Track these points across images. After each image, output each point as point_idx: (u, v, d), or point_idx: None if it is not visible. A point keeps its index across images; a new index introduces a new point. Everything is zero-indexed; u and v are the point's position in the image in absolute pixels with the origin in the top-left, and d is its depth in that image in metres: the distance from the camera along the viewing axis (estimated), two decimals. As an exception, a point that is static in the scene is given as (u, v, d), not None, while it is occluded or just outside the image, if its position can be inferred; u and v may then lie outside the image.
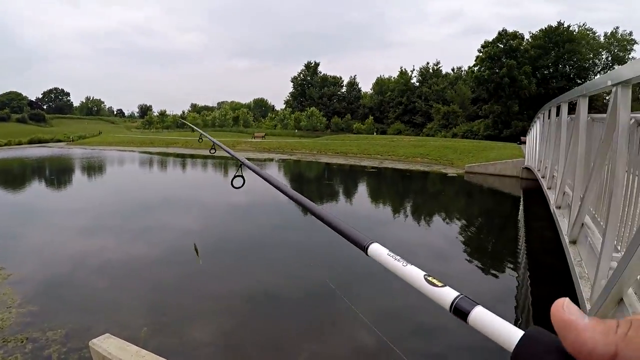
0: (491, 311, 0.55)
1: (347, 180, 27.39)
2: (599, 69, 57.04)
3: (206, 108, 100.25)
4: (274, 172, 30.26)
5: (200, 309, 7.17)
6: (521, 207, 18.04)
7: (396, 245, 11.01)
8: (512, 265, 10.53)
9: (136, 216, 14.77)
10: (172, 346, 5.86)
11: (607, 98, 47.91)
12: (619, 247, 3.77)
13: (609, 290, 3.07)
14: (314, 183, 25.07)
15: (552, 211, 8.35)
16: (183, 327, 6.46)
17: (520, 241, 12.93)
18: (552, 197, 8.88)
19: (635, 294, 3.13)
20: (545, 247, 10.79)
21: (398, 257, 0.59)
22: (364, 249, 0.64)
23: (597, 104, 43.47)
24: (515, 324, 1.95)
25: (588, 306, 3.80)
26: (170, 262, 9.65)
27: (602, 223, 4.66)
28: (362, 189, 23.83)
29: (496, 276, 9.76)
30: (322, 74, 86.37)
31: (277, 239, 12.02)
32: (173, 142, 45.80)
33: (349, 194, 21.58)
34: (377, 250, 0.63)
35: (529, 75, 55.79)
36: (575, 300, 4.44)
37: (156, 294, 7.83)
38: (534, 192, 16.69)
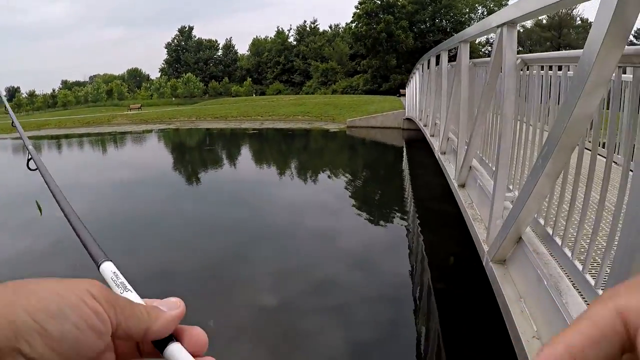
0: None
1: (229, 144, 26.74)
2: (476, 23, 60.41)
3: (78, 84, 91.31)
4: (154, 143, 28.56)
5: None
6: (405, 157, 18.93)
7: (285, 204, 10.91)
8: (400, 214, 11.02)
9: None
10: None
11: (483, 50, 51.65)
12: (510, 187, 3.89)
13: (507, 230, 3.13)
14: (195, 151, 24.08)
15: (437, 157, 8.72)
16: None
17: (407, 190, 13.56)
18: (436, 144, 9.28)
19: (533, 231, 3.23)
20: (433, 194, 11.41)
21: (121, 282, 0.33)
22: (97, 266, 0.41)
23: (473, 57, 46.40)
24: (412, 274, 5.12)
25: (485, 247, 3.91)
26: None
27: (490, 165, 4.85)
28: (246, 152, 23.42)
29: (386, 226, 10.11)
30: (197, 38, 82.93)
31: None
32: (44, 124, 40.88)
33: (233, 158, 21.06)
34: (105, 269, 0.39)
35: (406, 29, 58.07)
36: (471, 242, 4.61)
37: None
38: (417, 142, 17.51)
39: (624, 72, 2.42)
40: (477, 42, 54.40)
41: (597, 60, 1.86)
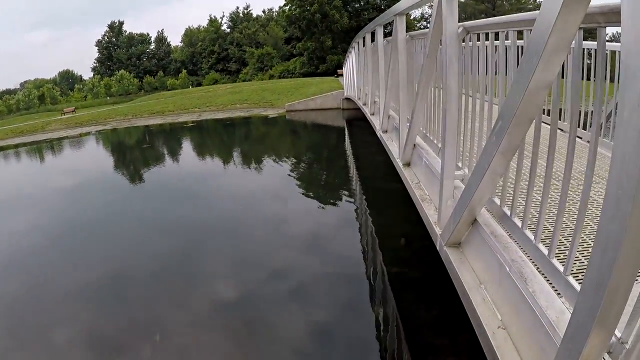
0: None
1: (169, 139, 25.77)
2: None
3: (8, 92, 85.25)
4: (93, 146, 27.16)
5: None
6: (347, 137, 18.81)
7: (233, 195, 10.76)
8: (348, 195, 10.92)
9: None
10: None
11: (418, 26, 52.15)
12: (459, 165, 3.69)
13: (460, 212, 2.93)
14: (135, 149, 22.96)
15: (379, 136, 8.53)
16: None
17: (351, 169, 13.45)
18: (377, 122, 9.09)
19: (489, 211, 3.03)
20: (378, 173, 11.33)
21: None
22: None
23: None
24: (364, 256, 5.11)
25: (438, 230, 3.72)
26: None
27: (436, 142, 4.66)
28: (187, 146, 22.62)
29: (335, 207, 10.00)
30: (128, 32, 78.46)
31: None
32: None
33: (174, 153, 20.25)
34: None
35: (340, 9, 57.56)
36: (422, 224, 4.42)
37: None
38: (358, 121, 17.44)
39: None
40: (412, 17, 55.11)
41: (557, 21, 1.61)
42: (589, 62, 4.80)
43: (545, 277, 2.23)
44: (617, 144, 1.32)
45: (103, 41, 79.10)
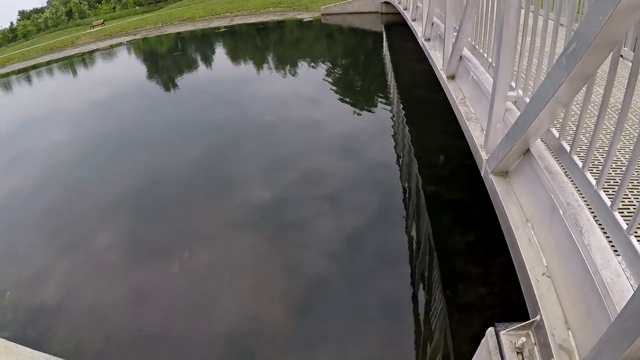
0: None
1: (201, 45, 25.14)
2: None
3: (36, 11, 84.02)
4: (125, 57, 26.87)
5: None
6: (385, 43, 17.82)
7: (267, 99, 10.65)
8: (384, 101, 10.58)
9: None
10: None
11: None
12: (513, 85, 3.29)
13: (513, 141, 2.61)
14: (167, 57, 22.55)
15: (420, 44, 7.94)
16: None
17: (389, 76, 12.89)
18: (419, 29, 8.44)
19: (544, 142, 2.70)
20: (417, 81, 10.77)
21: None
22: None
23: None
24: (398, 161, 6.35)
25: (484, 155, 3.43)
26: None
27: (485, 55, 4.20)
28: (220, 51, 22.01)
29: (370, 113, 9.68)
30: None
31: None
32: (8, 61, 37.72)
33: (207, 59, 19.77)
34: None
35: None
36: (463, 141, 4.11)
37: None
38: (397, 26, 16.44)
39: None
40: None
41: None
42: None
43: (604, 230, 1.96)
44: None
45: (130, -55, 75.47)
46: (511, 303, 4.01)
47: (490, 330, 2.38)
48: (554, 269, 2.31)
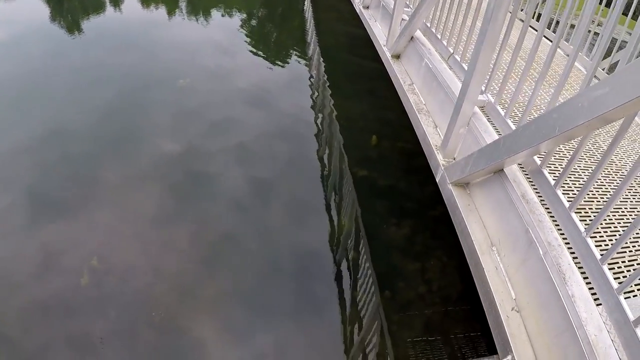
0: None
1: None
2: None
3: None
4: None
5: None
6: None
7: (179, 46, 10.16)
8: (299, 53, 10.37)
9: None
10: None
11: None
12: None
13: (493, 160, 2.49)
14: None
15: (358, 11, 7.63)
16: None
17: (309, 35, 12.59)
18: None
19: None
20: (343, 44, 10.59)
21: None
22: None
23: None
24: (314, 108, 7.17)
25: (441, 160, 3.34)
26: None
27: (446, 43, 4.04)
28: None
29: (286, 69, 9.42)
30: None
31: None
32: None
33: (117, 1, 17.89)
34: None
35: None
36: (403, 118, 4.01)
37: None
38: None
39: None
40: None
41: None
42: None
43: (585, 277, 1.90)
44: None
45: None
46: (451, 301, 4.08)
47: (456, 367, 2.31)
48: (524, 304, 2.27)
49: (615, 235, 2.38)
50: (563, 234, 2.14)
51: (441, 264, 4.42)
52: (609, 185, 2.78)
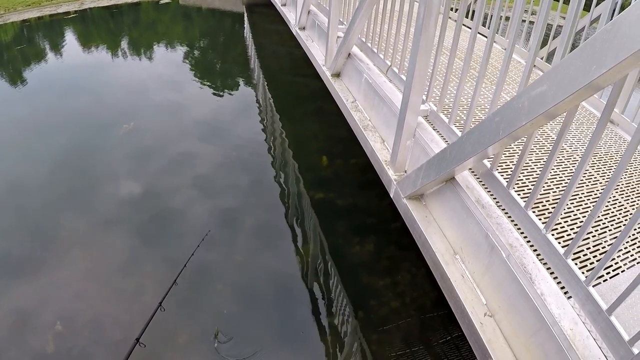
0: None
1: (51, 33, 22.04)
2: None
3: None
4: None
5: None
6: (246, 24, 17.29)
7: (125, 85, 10.05)
8: (245, 79, 10.45)
9: None
10: None
11: None
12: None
13: (442, 170, 2.47)
14: (13, 49, 19.36)
15: (295, 33, 7.65)
16: None
17: (252, 60, 12.64)
18: (291, 17, 8.13)
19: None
20: (284, 66, 10.63)
21: None
22: None
23: None
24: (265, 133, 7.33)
25: (393, 175, 3.32)
26: None
27: (382, 56, 4.05)
28: (71, 39, 19.48)
29: (234, 97, 9.41)
30: None
31: None
32: None
33: (57, 48, 17.37)
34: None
35: None
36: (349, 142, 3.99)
37: None
38: (259, 7, 16.09)
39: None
40: None
41: None
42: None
43: (551, 272, 1.88)
44: None
45: None
46: (426, 310, 4.03)
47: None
48: (496, 308, 2.23)
49: (576, 223, 2.38)
50: (523, 233, 2.12)
51: (410, 275, 4.39)
52: (563, 174, 2.80)
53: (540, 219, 2.03)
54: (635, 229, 2.50)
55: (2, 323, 3.98)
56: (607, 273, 2.13)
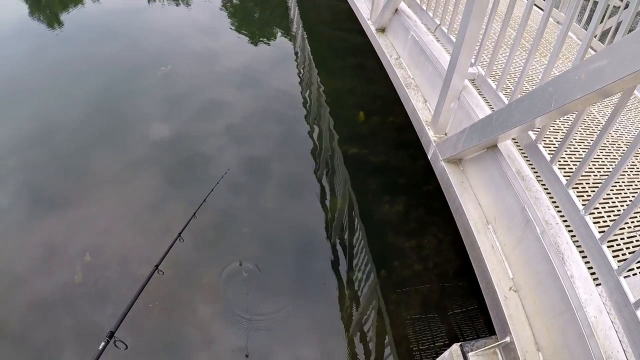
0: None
1: None
2: None
3: None
4: None
5: None
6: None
7: (160, 30, 9.88)
8: (283, 30, 10.23)
9: None
10: None
11: None
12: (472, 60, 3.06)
13: (485, 136, 2.40)
14: None
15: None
16: None
17: (292, 11, 12.27)
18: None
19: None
20: (325, 18, 10.36)
21: None
22: None
23: None
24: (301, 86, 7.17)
25: (432, 135, 3.26)
26: None
27: (432, 15, 3.91)
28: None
29: (269, 44, 9.20)
30: None
31: None
32: None
33: None
34: None
35: None
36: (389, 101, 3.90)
37: None
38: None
39: None
40: None
41: None
42: None
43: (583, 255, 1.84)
44: None
45: None
46: (448, 278, 4.04)
47: (455, 349, 2.27)
48: (522, 284, 2.21)
49: (613, 211, 2.31)
50: (560, 211, 2.07)
51: (436, 241, 4.37)
52: (606, 159, 2.69)
53: (579, 200, 1.97)
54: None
55: (34, 252, 4.18)
56: (638, 267, 2.07)
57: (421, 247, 4.29)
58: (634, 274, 2.01)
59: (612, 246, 2.11)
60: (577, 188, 2.13)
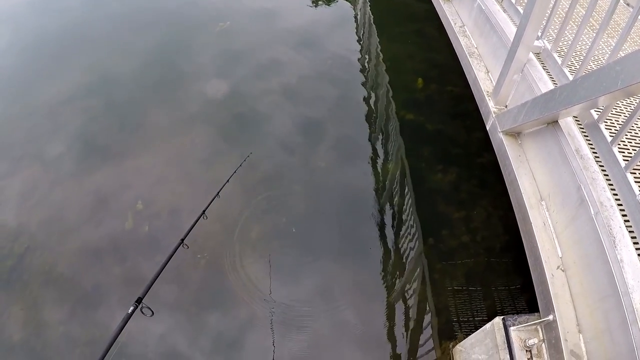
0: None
1: None
2: None
3: None
4: None
5: None
6: None
7: None
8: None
9: None
10: None
11: None
12: (539, 34, 2.98)
13: (547, 111, 2.39)
14: None
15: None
16: None
17: None
18: None
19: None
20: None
21: None
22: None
23: None
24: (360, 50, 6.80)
25: (492, 106, 3.22)
26: None
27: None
28: None
29: (329, 6, 9.03)
30: None
31: None
32: None
33: None
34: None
35: None
36: (450, 70, 3.83)
37: None
38: None
39: None
40: None
41: None
42: None
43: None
44: None
45: None
46: (494, 253, 4.03)
47: (497, 322, 2.32)
48: (570, 264, 2.21)
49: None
50: (616, 194, 2.04)
51: (486, 214, 4.34)
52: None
53: (637, 186, 1.94)
54: None
55: (89, 199, 4.48)
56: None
57: (470, 219, 4.28)
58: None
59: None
60: (635, 173, 2.09)
